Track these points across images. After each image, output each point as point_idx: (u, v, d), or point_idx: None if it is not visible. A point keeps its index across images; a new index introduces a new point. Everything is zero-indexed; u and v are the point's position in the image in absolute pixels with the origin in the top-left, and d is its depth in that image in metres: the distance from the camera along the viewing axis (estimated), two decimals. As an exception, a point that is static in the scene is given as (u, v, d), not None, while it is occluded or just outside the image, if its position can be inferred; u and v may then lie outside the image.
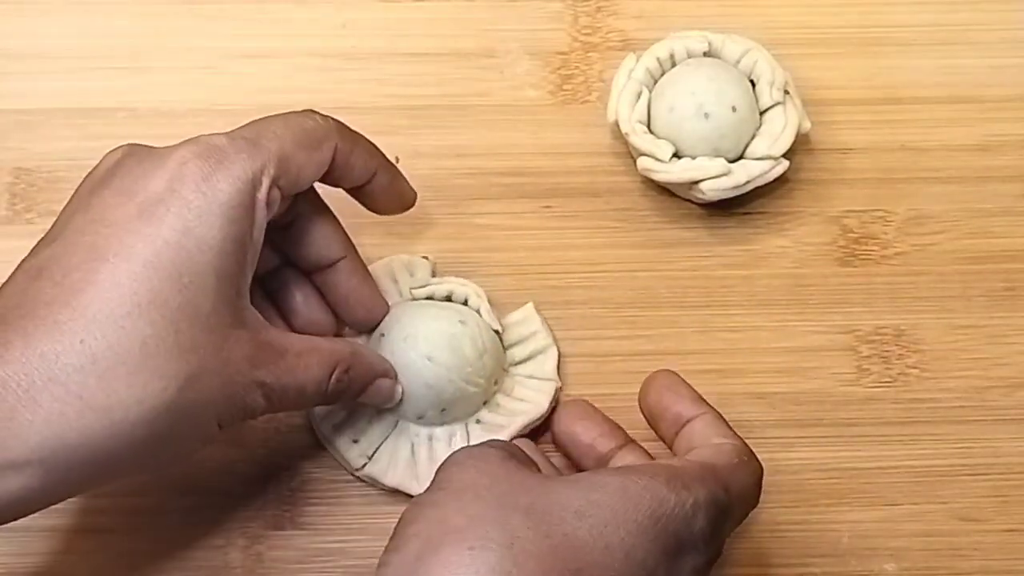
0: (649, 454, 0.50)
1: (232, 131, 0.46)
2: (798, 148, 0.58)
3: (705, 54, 0.58)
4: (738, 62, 0.58)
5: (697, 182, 0.56)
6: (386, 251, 0.56)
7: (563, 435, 0.52)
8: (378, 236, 0.57)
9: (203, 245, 0.43)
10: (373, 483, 0.52)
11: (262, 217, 0.46)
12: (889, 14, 0.62)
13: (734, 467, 0.46)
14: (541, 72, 0.61)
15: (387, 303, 0.53)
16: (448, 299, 0.54)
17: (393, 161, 0.53)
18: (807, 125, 0.58)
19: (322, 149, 0.48)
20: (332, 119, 0.49)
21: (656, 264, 0.57)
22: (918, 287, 0.57)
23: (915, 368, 0.55)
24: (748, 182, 0.56)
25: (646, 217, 0.58)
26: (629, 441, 0.51)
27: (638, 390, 0.54)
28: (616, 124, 0.57)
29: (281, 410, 0.48)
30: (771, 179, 0.56)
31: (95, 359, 0.41)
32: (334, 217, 0.52)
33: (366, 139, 0.51)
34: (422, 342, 0.51)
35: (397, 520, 0.43)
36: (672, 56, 0.58)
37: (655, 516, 0.42)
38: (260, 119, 0.48)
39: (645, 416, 0.50)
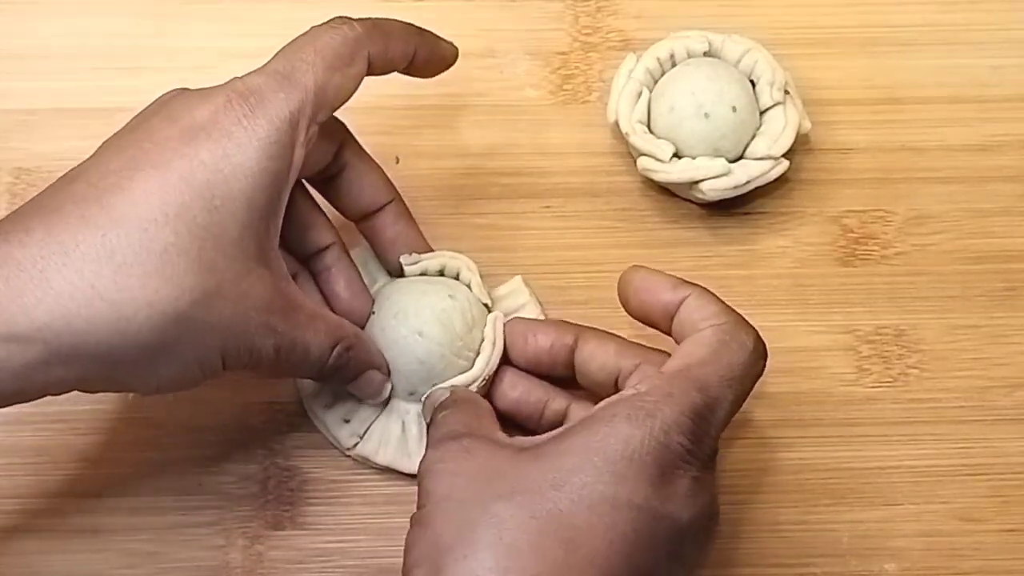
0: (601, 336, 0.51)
1: (266, 66, 0.47)
2: (798, 148, 0.58)
3: (705, 54, 0.58)
4: (738, 62, 0.58)
5: (697, 182, 0.56)
6: (386, 251, 0.56)
7: (507, 404, 0.52)
8: (378, 236, 0.57)
9: (239, 172, 0.44)
10: (365, 462, 0.52)
11: (299, 156, 0.46)
12: (889, 14, 0.62)
13: (713, 356, 0.46)
14: (541, 72, 0.61)
15: (430, 247, 0.55)
16: (441, 273, 0.54)
17: (393, 162, 0.53)
18: (807, 125, 0.58)
19: (355, 63, 0.48)
20: (360, 23, 0.49)
21: (656, 264, 0.56)
22: (918, 287, 0.57)
23: (915, 368, 0.55)
24: (748, 182, 0.56)
25: (646, 217, 0.58)
26: (575, 398, 0.51)
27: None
28: (616, 124, 0.57)
29: (284, 370, 0.48)
30: (771, 179, 0.56)
31: (113, 253, 0.42)
32: (377, 164, 0.53)
33: (397, 24, 0.51)
34: (412, 317, 0.51)
35: (397, 520, 0.43)
36: (672, 56, 0.58)
37: (627, 457, 0.43)
38: (290, 44, 0.48)
39: (636, 319, 0.50)
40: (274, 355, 0.46)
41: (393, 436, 0.52)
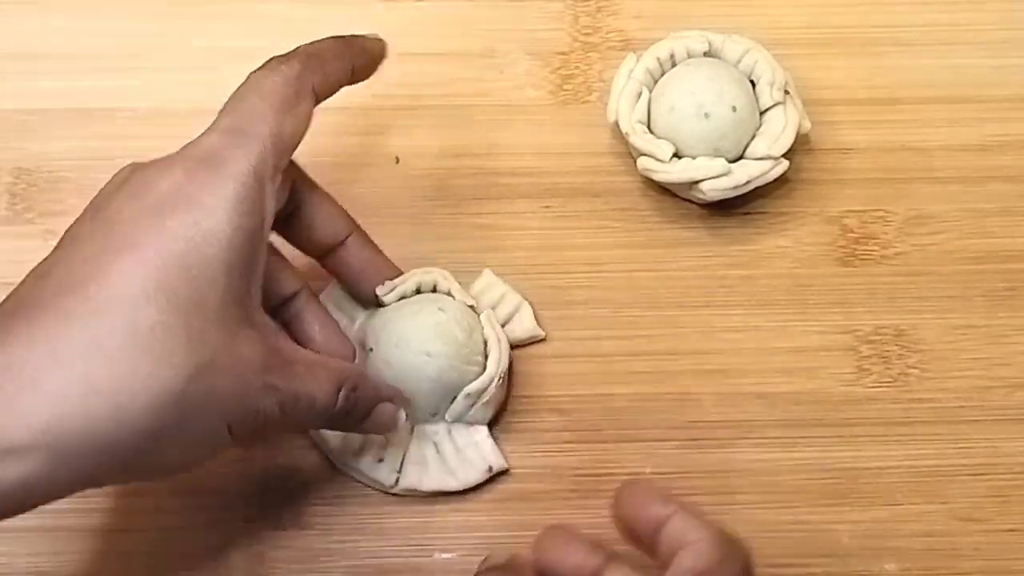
0: (632, 569, 0.47)
1: (216, 123, 0.46)
2: (798, 148, 0.58)
3: (705, 54, 0.58)
4: (738, 62, 0.58)
5: (697, 182, 0.56)
6: (385, 250, 0.56)
7: (546, 565, 0.47)
8: (377, 236, 0.57)
9: (212, 239, 0.43)
10: (412, 494, 0.52)
11: (271, 208, 0.46)
12: (889, 14, 0.63)
13: (713, 564, 0.44)
14: (541, 72, 0.61)
15: (399, 271, 0.54)
16: (418, 291, 0.54)
17: (393, 161, 0.53)
18: (807, 125, 0.58)
19: (302, 101, 0.47)
20: (296, 58, 0.48)
21: (656, 264, 0.57)
22: (918, 287, 0.57)
23: (915, 368, 0.55)
24: (748, 182, 0.56)
25: (646, 217, 0.58)
26: (613, 559, 0.47)
27: (640, 390, 0.54)
28: (616, 124, 0.57)
29: (292, 425, 0.47)
30: (771, 179, 0.56)
31: (99, 344, 0.41)
32: (330, 197, 0.52)
33: (328, 44, 0.50)
34: (414, 341, 0.51)
35: (397, 520, 0.42)
36: (672, 56, 0.58)
37: None
38: (233, 97, 0.47)
39: (624, 536, 0.47)
40: (280, 413, 0.45)
41: (431, 460, 0.52)
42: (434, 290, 0.54)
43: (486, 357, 0.52)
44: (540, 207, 0.58)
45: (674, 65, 0.58)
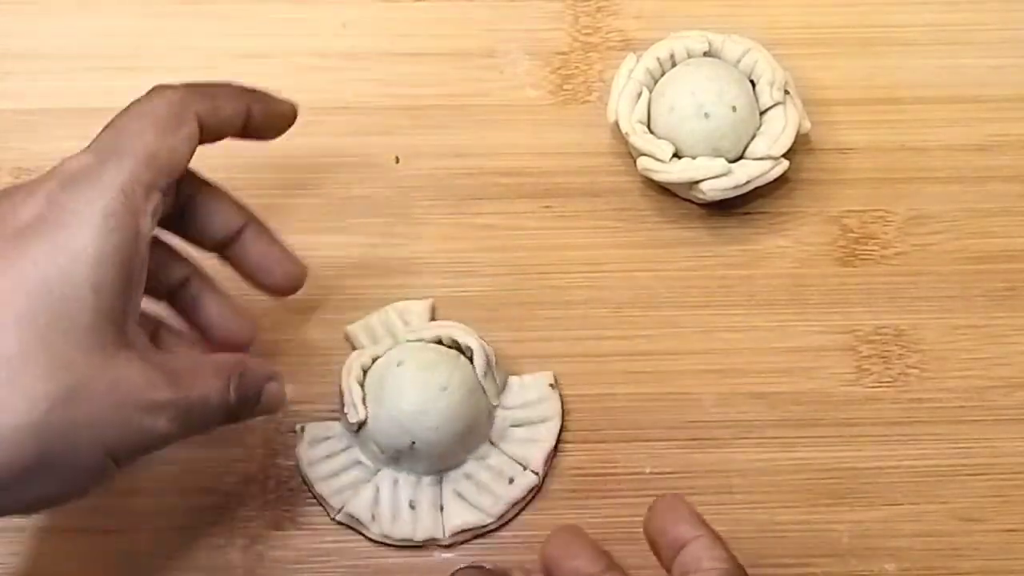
0: None
1: (92, 144, 0.45)
2: (798, 148, 0.58)
3: (705, 54, 0.58)
4: (738, 62, 0.58)
5: (697, 182, 0.56)
6: (384, 251, 0.56)
7: (549, 560, 0.47)
8: (377, 236, 0.57)
9: (79, 258, 0.42)
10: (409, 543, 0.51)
11: (147, 226, 0.44)
12: (889, 14, 0.63)
13: None
14: (541, 72, 0.61)
15: (301, 263, 0.52)
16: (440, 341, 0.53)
17: (393, 161, 0.53)
18: (807, 125, 0.58)
19: (185, 124, 0.46)
20: (182, 86, 0.47)
21: (656, 264, 0.57)
22: (918, 287, 0.57)
23: (915, 368, 0.55)
24: (748, 182, 0.56)
25: (646, 217, 0.58)
26: (614, 567, 0.47)
27: (640, 390, 0.54)
28: (616, 124, 0.57)
29: (189, 433, 0.46)
30: (771, 179, 0.56)
31: None
32: (222, 190, 0.51)
33: (224, 85, 0.49)
34: (417, 413, 0.50)
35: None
36: (672, 56, 0.58)
37: None
38: (114, 120, 0.46)
39: (648, 542, 0.46)
40: (171, 427, 0.44)
41: (468, 495, 0.52)
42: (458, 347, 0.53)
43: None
44: (540, 207, 0.58)
45: (674, 65, 0.58)
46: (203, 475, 0.52)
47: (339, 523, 0.51)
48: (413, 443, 0.50)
